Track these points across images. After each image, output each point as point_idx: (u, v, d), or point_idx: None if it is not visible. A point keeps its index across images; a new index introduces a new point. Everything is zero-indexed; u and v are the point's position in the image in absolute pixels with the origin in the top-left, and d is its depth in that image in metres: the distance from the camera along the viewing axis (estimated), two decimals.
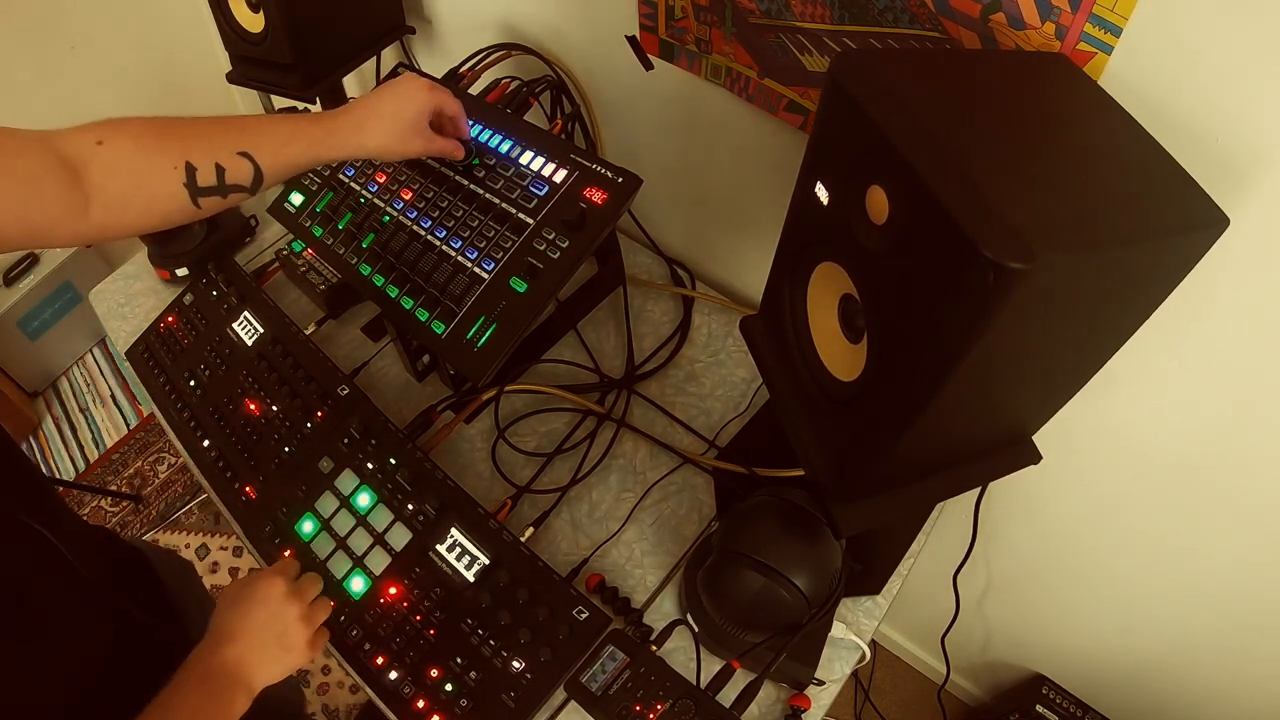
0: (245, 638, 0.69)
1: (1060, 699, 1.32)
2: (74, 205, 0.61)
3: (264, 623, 0.70)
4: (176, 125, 0.67)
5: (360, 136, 0.75)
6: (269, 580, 0.73)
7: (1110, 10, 0.58)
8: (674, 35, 0.91)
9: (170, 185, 0.65)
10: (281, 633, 0.71)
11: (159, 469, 2.07)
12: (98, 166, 0.62)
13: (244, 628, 0.69)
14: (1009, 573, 1.23)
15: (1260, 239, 0.62)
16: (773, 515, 0.76)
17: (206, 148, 0.66)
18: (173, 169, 0.65)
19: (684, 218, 1.17)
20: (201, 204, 0.67)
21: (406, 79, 0.79)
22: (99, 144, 0.62)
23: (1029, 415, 0.66)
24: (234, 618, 0.70)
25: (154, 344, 1.08)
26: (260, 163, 0.69)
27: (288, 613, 0.71)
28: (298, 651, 0.72)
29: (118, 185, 0.63)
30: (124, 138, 0.64)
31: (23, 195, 0.58)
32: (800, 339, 0.65)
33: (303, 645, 0.72)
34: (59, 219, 0.61)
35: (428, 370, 1.07)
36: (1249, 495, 0.83)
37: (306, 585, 0.76)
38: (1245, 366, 0.73)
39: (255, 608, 0.71)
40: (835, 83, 0.51)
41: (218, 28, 1.06)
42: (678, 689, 0.71)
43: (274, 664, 0.70)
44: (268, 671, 0.69)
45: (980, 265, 0.40)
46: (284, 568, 0.76)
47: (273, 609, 0.71)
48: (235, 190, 0.69)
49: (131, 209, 0.65)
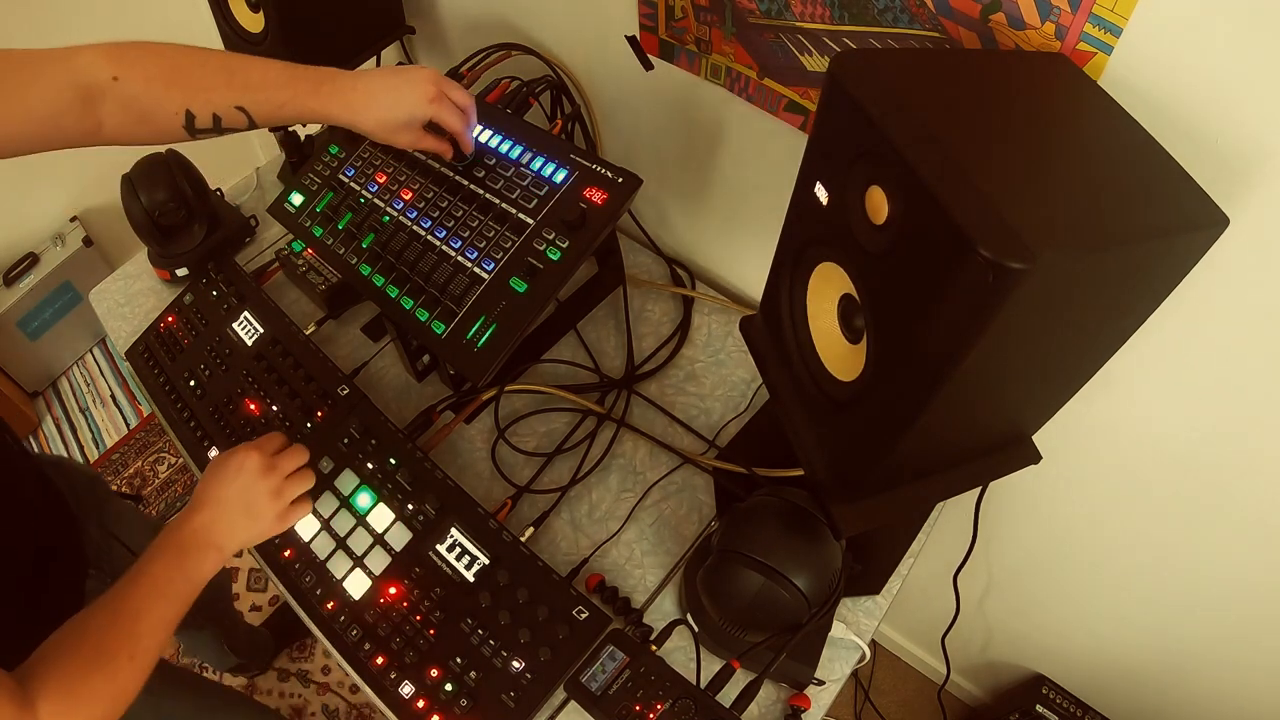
0: (215, 505, 0.75)
1: (1060, 699, 1.32)
2: (88, 129, 0.69)
3: (237, 492, 0.76)
4: (184, 70, 0.73)
5: (353, 115, 0.77)
6: (244, 453, 0.78)
7: (1110, 10, 0.58)
8: (674, 35, 0.91)
9: (172, 125, 0.72)
10: (250, 503, 0.76)
11: (159, 469, 2.07)
12: (111, 99, 0.69)
13: (216, 496, 0.75)
14: (1009, 573, 1.23)
15: (1260, 239, 0.62)
16: (773, 515, 0.76)
17: (207, 100, 0.72)
18: (174, 114, 0.72)
19: (684, 218, 1.17)
20: (198, 138, 0.75)
21: (421, 78, 0.78)
22: (115, 80, 0.69)
23: (1029, 415, 0.66)
24: (210, 487, 0.76)
25: (154, 344, 1.08)
26: (254, 116, 0.75)
27: (259, 485, 0.77)
28: (266, 521, 0.78)
29: (126, 118, 0.71)
30: (136, 77, 0.70)
31: (45, 122, 0.67)
32: (800, 339, 0.65)
33: (271, 516, 0.78)
34: (75, 138, 0.69)
35: (428, 370, 1.07)
36: (1249, 495, 0.83)
37: (286, 459, 0.80)
38: (1245, 366, 0.73)
39: (228, 478, 0.76)
40: (835, 83, 0.51)
41: (218, 28, 1.06)
42: (678, 689, 0.71)
43: (242, 531, 0.76)
44: (236, 538, 0.75)
45: (980, 265, 0.40)
46: (263, 442, 0.81)
47: (244, 481, 0.77)
48: (230, 131, 0.75)
49: (137, 135, 0.73)
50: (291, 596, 0.85)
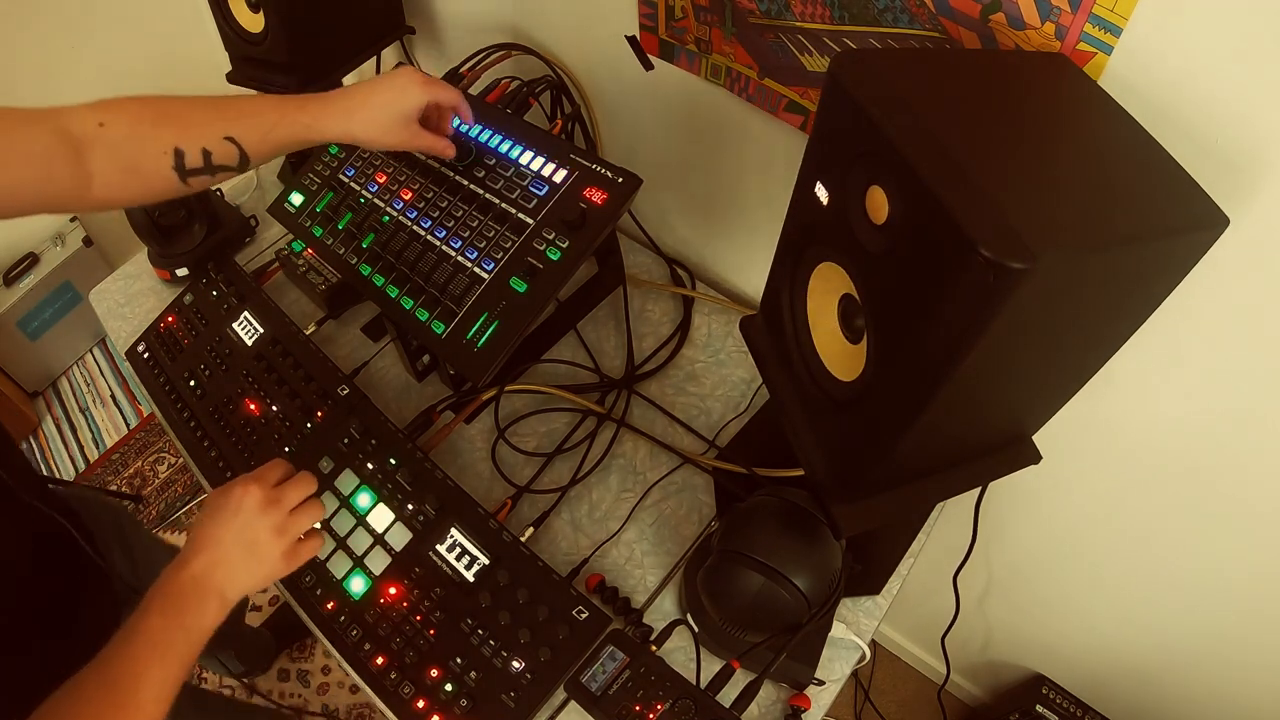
0: (213, 547, 0.67)
1: (1060, 699, 1.32)
2: (79, 182, 0.67)
3: (236, 531, 0.68)
4: (170, 109, 0.71)
5: (348, 124, 0.77)
6: (243, 487, 0.70)
7: (1110, 10, 0.58)
8: (674, 35, 0.91)
9: (161, 168, 0.70)
10: (252, 542, 0.68)
11: (159, 469, 2.07)
12: (100, 147, 0.67)
13: (214, 537, 0.67)
14: (1009, 573, 1.23)
15: (1260, 239, 0.62)
16: (773, 515, 0.76)
17: (195, 135, 0.70)
18: (163, 154, 0.69)
19: (684, 218, 1.17)
20: (190, 183, 0.72)
21: (404, 72, 0.80)
22: (100, 126, 0.67)
23: (1029, 415, 0.66)
24: (206, 527, 0.68)
25: (154, 344, 1.08)
26: (245, 147, 0.73)
27: (261, 522, 0.69)
28: (270, 563, 0.69)
29: (115, 167, 0.68)
30: (122, 121, 0.68)
31: (37, 173, 0.65)
32: (800, 339, 0.65)
33: (276, 556, 0.70)
34: (67, 193, 0.67)
35: (428, 370, 1.07)
36: (1249, 494, 0.83)
37: (289, 490, 0.72)
38: (1245, 366, 0.73)
39: (226, 516, 0.68)
40: (835, 83, 0.51)
41: (218, 28, 1.06)
42: (678, 689, 0.71)
43: (245, 574, 0.68)
44: (239, 582, 0.67)
45: (980, 265, 0.40)
46: (264, 473, 0.72)
47: (245, 518, 0.68)
48: (222, 170, 0.73)
49: (128, 188, 0.70)
50: (291, 597, 0.85)
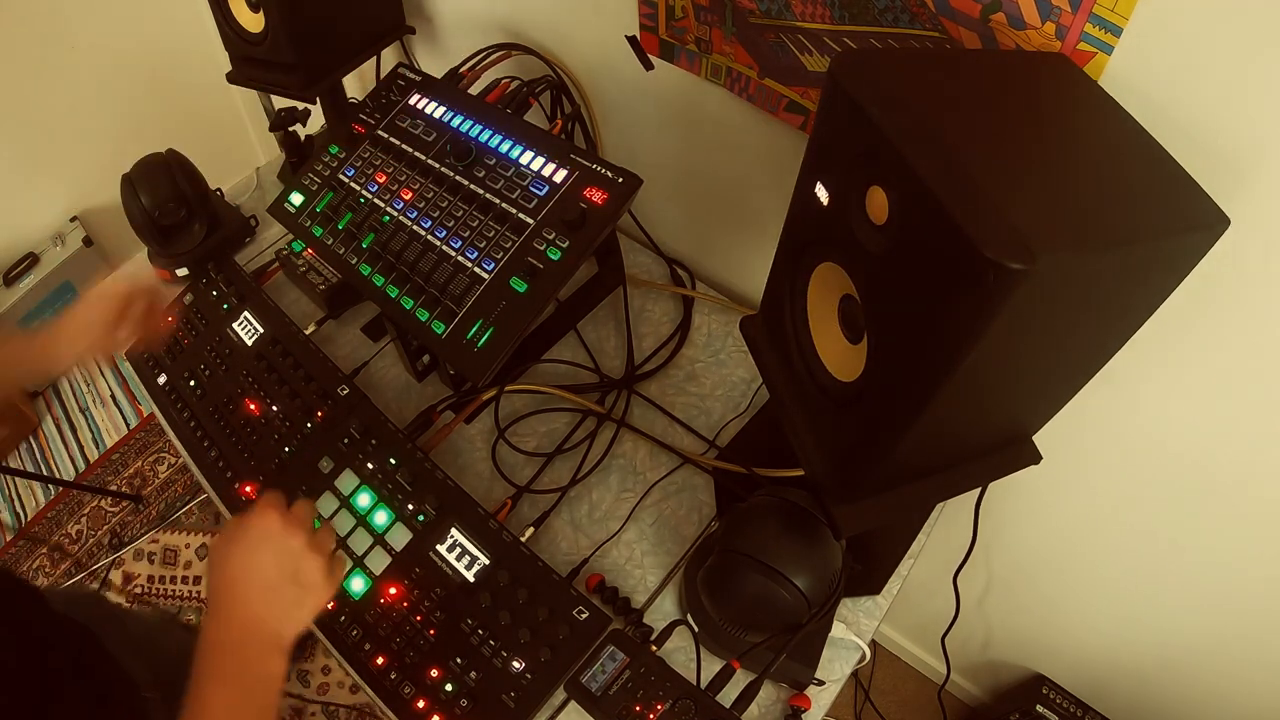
0: (253, 590, 0.59)
1: (1060, 699, 1.32)
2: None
3: (271, 565, 0.60)
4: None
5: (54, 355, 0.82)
6: (261, 515, 0.61)
7: (1110, 10, 0.58)
8: (674, 35, 0.91)
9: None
10: (295, 571, 0.60)
11: (159, 469, 2.07)
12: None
13: (248, 579, 0.59)
14: (1009, 572, 1.23)
15: (1260, 239, 0.62)
16: (773, 515, 0.76)
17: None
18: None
19: (684, 218, 1.17)
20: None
21: (94, 290, 0.84)
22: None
23: (1029, 415, 0.66)
24: (234, 574, 0.60)
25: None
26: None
27: (293, 544, 0.61)
28: (319, 587, 0.62)
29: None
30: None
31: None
32: (800, 339, 0.65)
33: (321, 578, 0.62)
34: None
35: (428, 370, 1.07)
36: (1249, 495, 0.83)
37: (301, 513, 0.64)
38: (1246, 366, 0.73)
39: (255, 554, 0.60)
40: (835, 83, 0.51)
41: (218, 28, 1.06)
42: (678, 689, 0.71)
43: (297, 608, 0.60)
44: (293, 619, 0.60)
45: (980, 265, 0.40)
46: (273, 499, 0.64)
47: (275, 545, 0.61)
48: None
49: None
50: None
